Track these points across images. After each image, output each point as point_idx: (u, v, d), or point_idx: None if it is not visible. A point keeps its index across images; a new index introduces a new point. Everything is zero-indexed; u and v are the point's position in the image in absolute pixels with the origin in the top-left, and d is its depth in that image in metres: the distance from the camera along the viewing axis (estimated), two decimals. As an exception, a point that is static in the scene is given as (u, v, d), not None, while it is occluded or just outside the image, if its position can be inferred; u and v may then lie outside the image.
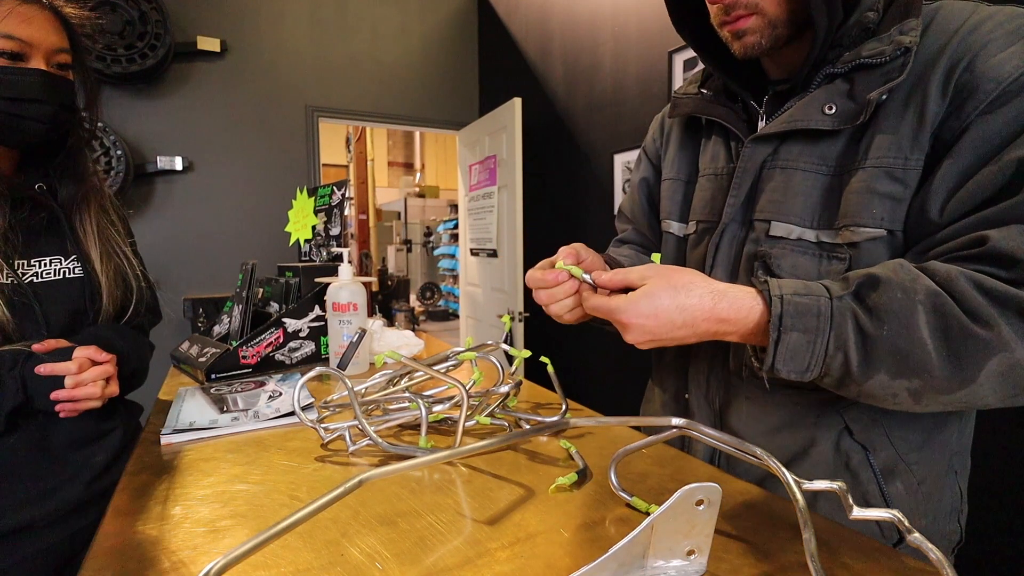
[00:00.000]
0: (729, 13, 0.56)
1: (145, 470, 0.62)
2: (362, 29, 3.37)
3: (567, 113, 2.81)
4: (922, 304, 0.44)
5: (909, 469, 0.57)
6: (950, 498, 0.60)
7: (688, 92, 0.72)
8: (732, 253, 0.63)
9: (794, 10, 0.54)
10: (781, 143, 0.58)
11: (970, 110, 0.47)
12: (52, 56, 0.72)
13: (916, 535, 0.36)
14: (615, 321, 0.52)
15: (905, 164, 0.50)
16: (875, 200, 0.51)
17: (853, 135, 0.54)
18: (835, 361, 0.46)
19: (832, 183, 0.55)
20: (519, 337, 2.85)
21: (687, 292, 0.50)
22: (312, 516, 0.38)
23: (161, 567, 0.43)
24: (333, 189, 1.40)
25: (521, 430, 0.54)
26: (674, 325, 0.49)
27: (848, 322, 0.46)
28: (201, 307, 2.69)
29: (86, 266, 0.78)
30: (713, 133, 0.69)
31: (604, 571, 0.35)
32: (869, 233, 0.52)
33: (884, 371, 0.45)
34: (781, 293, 0.47)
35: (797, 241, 0.56)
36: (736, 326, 0.50)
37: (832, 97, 0.54)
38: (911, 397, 0.46)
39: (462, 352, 0.75)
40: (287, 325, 1.13)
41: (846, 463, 0.58)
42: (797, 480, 0.40)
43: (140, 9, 2.58)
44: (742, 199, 0.61)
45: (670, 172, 0.75)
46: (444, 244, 7.55)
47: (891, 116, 0.51)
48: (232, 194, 3.05)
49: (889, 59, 0.51)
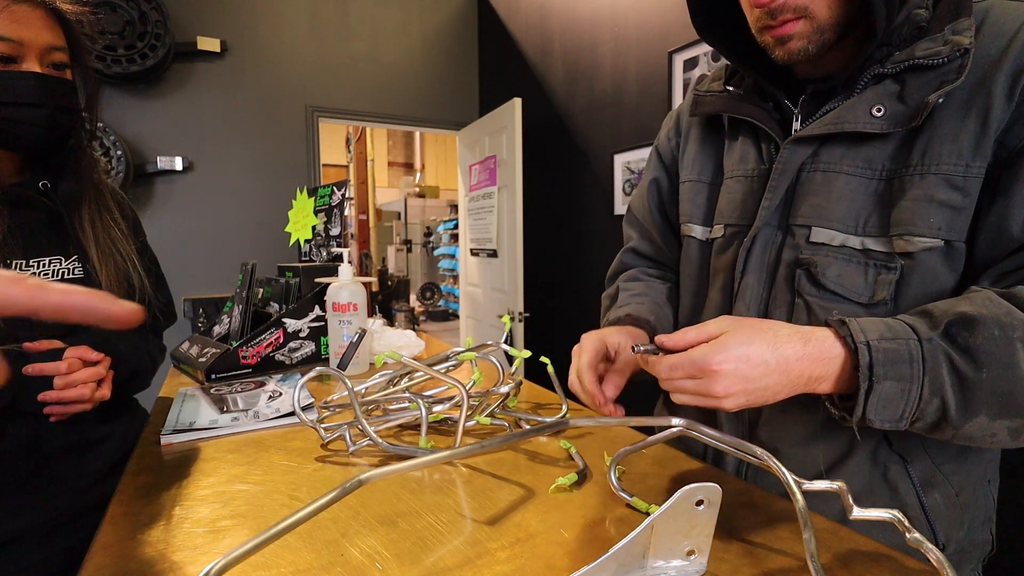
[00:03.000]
0: (775, 17, 0.52)
1: (145, 470, 0.62)
2: (362, 29, 3.37)
3: (567, 113, 2.81)
4: (1021, 341, 0.42)
5: (947, 480, 0.55)
6: (984, 508, 0.59)
7: (712, 90, 0.68)
8: (767, 259, 0.60)
9: (844, 12, 0.51)
10: (821, 145, 0.56)
11: None
12: (47, 55, 0.69)
13: (916, 535, 0.36)
14: (701, 372, 0.45)
15: (966, 172, 0.48)
16: (933, 209, 0.49)
17: (904, 139, 0.51)
18: (930, 407, 0.44)
19: (879, 187, 0.52)
20: (519, 337, 2.85)
21: (774, 332, 0.46)
22: (312, 516, 0.38)
23: (161, 567, 0.43)
24: (333, 189, 1.40)
25: (521, 430, 0.54)
26: (768, 368, 0.44)
27: (943, 366, 0.43)
28: (201, 307, 2.69)
29: (86, 266, 0.77)
30: (740, 133, 0.65)
31: (604, 571, 0.35)
32: (926, 243, 0.49)
33: (984, 413, 0.43)
34: (867, 339, 0.44)
35: (840, 248, 0.54)
36: (828, 368, 0.46)
37: (881, 98, 0.51)
38: (1010, 435, 0.44)
39: (462, 352, 0.75)
40: (287, 325, 1.13)
41: (884, 474, 0.56)
42: (797, 480, 0.40)
43: (140, 9, 2.58)
44: (777, 202, 0.58)
45: (691, 173, 0.72)
46: (444, 244, 7.55)
47: (950, 120, 0.49)
48: (232, 194, 3.05)
49: (946, 60, 0.48)
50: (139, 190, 2.82)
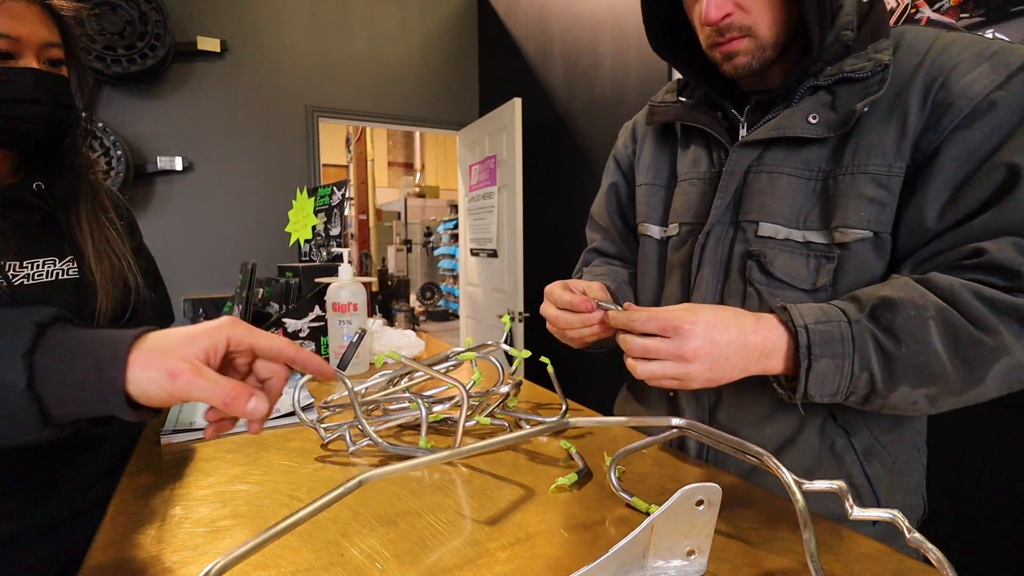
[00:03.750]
0: (723, 35, 0.58)
1: (145, 470, 0.62)
2: (362, 29, 3.37)
3: (567, 113, 2.81)
4: (933, 319, 0.48)
5: (885, 450, 0.62)
6: (916, 474, 0.66)
7: (666, 101, 0.75)
8: (720, 253, 0.65)
9: (783, 31, 0.58)
10: (765, 149, 0.62)
11: (947, 124, 0.52)
12: (43, 52, 0.68)
13: (916, 535, 0.36)
14: (675, 330, 0.50)
15: (889, 171, 0.54)
16: (863, 203, 0.55)
17: (836, 143, 0.58)
18: (861, 380, 0.50)
19: (817, 187, 0.59)
20: (519, 337, 2.85)
21: (733, 310, 0.53)
22: (312, 516, 0.38)
23: (161, 567, 0.43)
24: (333, 189, 1.40)
25: (521, 430, 0.54)
26: (731, 336, 0.50)
27: (869, 344, 0.49)
28: (201, 307, 2.69)
29: (81, 267, 0.75)
30: (692, 140, 0.72)
31: (604, 571, 0.35)
32: (857, 234, 0.56)
33: (906, 383, 0.49)
34: (805, 323, 0.50)
35: (784, 241, 0.60)
36: (776, 344, 0.51)
37: (815, 108, 0.58)
38: (928, 402, 0.50)
39: (462, 352, 0.75)
40: (287, 325, 1.13)
41: (831, 447, 0.62)
42: (797, 480, 0.40)
43: (140, 9, 2.58)
44: (728, 201, 0.64)
45: (646, 177, 0.78)
46: (444, 244, 7.55)
47: (874, 127, 0.55)
48: (232, 194, 3.05)
49: (870, 74, 0.55)
50: (139, 190, 2.82)
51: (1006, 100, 0.50)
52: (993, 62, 0.52)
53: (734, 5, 0.57)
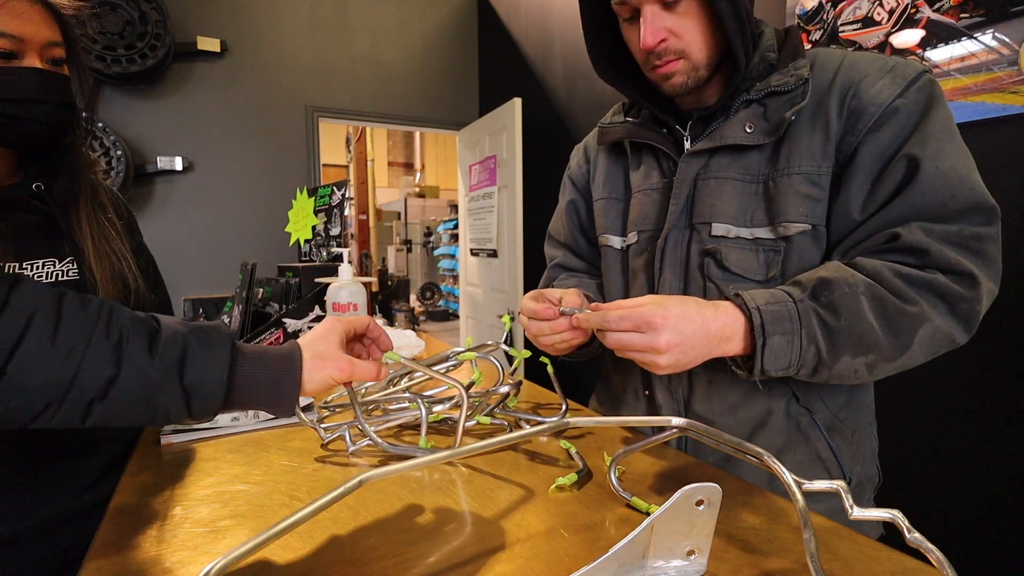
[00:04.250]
0: (660, 58, 0.65)
1: (145, 470, 0.62)
2: (362, 29, 3.37)
3: (567, 113, 2.81)
4: (863, 295, 0.55)
5: (843, 424, 0.68)
6: (870, 445, 0.72)
7: (615, 121, 0.82)
8: (679, 254, 0.71)
9: (713, 55, 0.65)
10: (711, 157, 0.69)
11: (861, 128, 0.60)
12: (46, 51, 0.69)
13: (916, 535, 0.36)
14: (647, 325, 0.54)
15: (819, 171, 0.62)
16: (800, 200, 0.62)
17: (772, 149, 0.65)
18: (808, 353, 0.56)
19: (759, 189, 0.66)
20: (519, 337, 2.85)
21: (695, 300, 0.57)
22: (312, 516, 0.38)
23: (161, 567, 0.43)
24: (333, 189, 1.40)
25: (521, 430, 0.54)
26: (696, 327, 0.55)
27: (813, 319, 0.56)
28: (201, 307, 2.68)
29: (81, 268, 0.75)
30: (642, 155, 0.78)
31: (604, 571, 0.35)
32: (798, 227, 0.63)
33: (847, 353, 0.55)
34: (757, 305, 0.56)
35: (735, 239, 0.66)
36: (734, 328, 0.57)
37: (750, 118, 0.65)
38: (867, 370, 0.57)
39: (462, 352, 0.75)
40: (287, 325, 1.13)
41: (797, 425, 0.67)
42: (797, 480, 0.40)
43: (140, 9, 2.58)
44: (682, 207, 0.70)
45: (602, 192, 0.84)
46: (444, 244, 7.55)
47: (802, 133, 0.63)
48: (232, 194, 3.05)
49: (793, 87, 0.63)
50: (139, 190, 2.82)
51: (906, 106, 0.59)
52: (893, 75, 0.60)
53: (668, 32, 0.63)
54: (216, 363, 0.45)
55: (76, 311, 0.43)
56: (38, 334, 0.40)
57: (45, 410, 0.41)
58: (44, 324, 0.41)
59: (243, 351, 0.48)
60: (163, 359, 0.43)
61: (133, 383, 0.42)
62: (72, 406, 0.41)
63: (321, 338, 0.52)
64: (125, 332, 0.43)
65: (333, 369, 0.50)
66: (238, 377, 0.46)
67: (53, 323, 0.41)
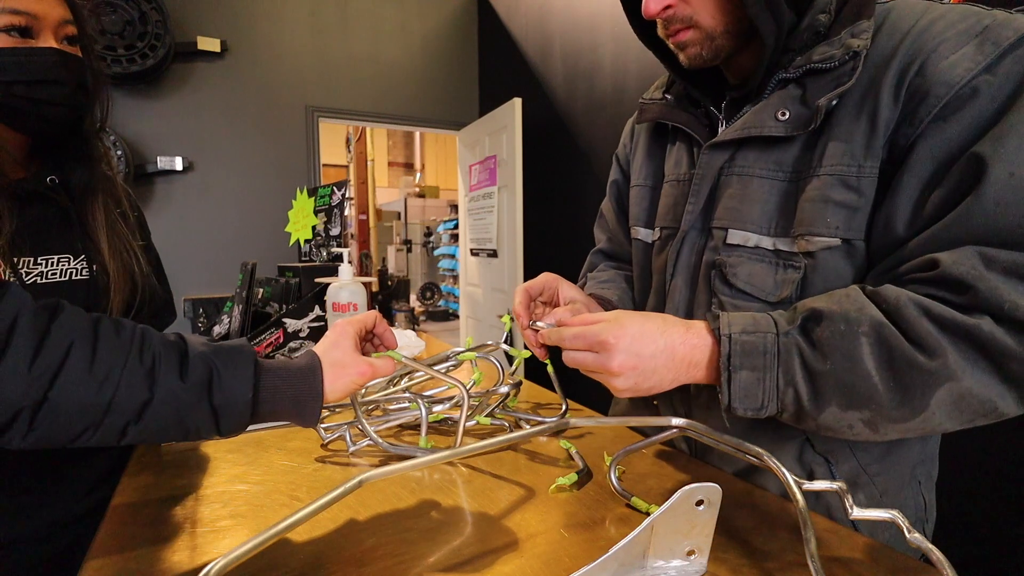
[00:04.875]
0: (668, 27, 0.56)
1: (145, 470, 0.62)
2: (362, 29, 3.37)
3: (567, 113, 2.81)
4: (866, 336, 0.43)
5: (871, 481, 0.56)
6: (913, 509, 0.59)
7: (654, 97, 0.71)
8: (692, 261, 0.62)
9: (734, 20, 0.53)
10: (738, 149, 0.57)
11: (923, 116, 0.45)
12: (60, 30, 0.65)
13: (916, 535, 0.36)
14: (600, 345, 0.48)
15: (859, 172, 0.49)
16: (829, 209, 0.50)
17: (808, 141, 0.53)
18: (787, 396, 0.46)
19: (789, 189, 0.54)
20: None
21: (663, 319, 0.50)
22: (312, 516, 0.38)
23: (161, 567, 0.43)
24: (333, 189, 1.40)
25: (521, 430, 0.54)
26: (657, 348, 0.48)
27: (795, 358, 0.46)
28: (201, 307, 2.69)
29: (92, 265, 0.73)
30: (678, 139, 0.68)
31: (604, 571, 0.35)
32: (824, 243, 0.50)
33: (834, 404, 0.45)
34: (730, 332, 0.47)
35: (755, 249, 0.56)
36: (703, 354, 0.49)
37: (785, 103, 0.52)
38: (867, 427, 0.45)
39: (462, 352, 0.75)
40: (287, 325, 1.13)
41: (810, 476, 0.56)
42: (797, 480, 0.40)
43: (140, 9, 2.58)
44: (701, 206, 0.60)
45: (638, 178, 0.74)
46: (444, 244, 7.55)
47: (844, 122, 0.50)
48: (232, 194, 3.05)
49: (839, 63, 0.49)
50: (139, 190, 2.82)
51: (992, 85, 0.43)
52: (982, 40, 0.44)
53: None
54: (241, 383, 0.46)
55: (112, 337, 0.43)
56: (77, 362, 0.41)
57: (83, 433, 0.42)
58: (82, 352, 0.41)
59: (266, 368, 0.48)
60: (192, 382, 0.44)
61: (166, 406, 0.43)
62: (109, 429, 0.42)
63: (335, 345, 0.52)
64: (157, 357, 0.44)
65: (354, 375, 0.51)
66: (262, 394, 0.47)
67: (91, 350, 0.42)
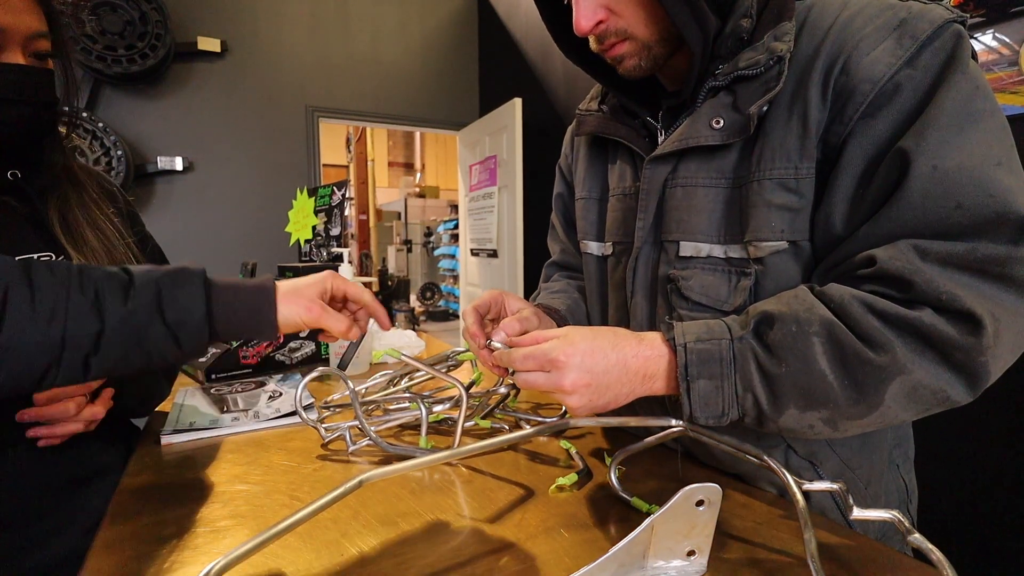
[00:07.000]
0: (603, 42, 0.55)
1: (145, 470, 0.62)
2: (362, 29, 3.37)
3: (567, 113, 2.81)
4: (817, 335, 0.43)
5: (854, 474, 0.56)
6: (896, 493, 0.59)
7: (590, 109, 0.69)
8: (648, 276, 0.61)
9: (665, 27, 0.53)
10: (679, 160, 0.56)
11: (851, 114, 0.45)
12: (29, 44, 0.61)
13: (916, 535, 0.36)
14: (551, 364, 0.47)
15: (796, 174, 0.49)
16: (772, 213, 0.50)
17: (744, 147, 0.52)
18: (747, 402, 0.46)
19: (732, 196, 0.54)
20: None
21: (614, 333, 0.49)
22: (312, 516, 0.38)
23: (161, 567, 0.43)
24: (333, 189, 1.40)
25: (521, 431, 0.54)
26: (610, 363, 0.47)
27: (751, 363, 0.46)
28: (201, 307, 2.69)
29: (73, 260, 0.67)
30: (619, 151, 0.66)
31: (604, 571, 0.35)
32: (771, 247, 0.50)
33: (793, 405, 0.45)
34: (684, 341, 0.47)
35: (707, 259, 0.55)
36: (658, 366, 0.48)
37: (718, 111, 0.52)
38: (827, 426, 0.45)
39: (462, 352, 0.75)
40: (287, 325, 1.13)
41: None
42: (797, 480, 0.40)
43: (140, 9, 2.58)
44: (651, 220, 0.60)
45: (582, 191, 0.73)
46: (444, 244, 7.55)
47: (777, 126, 0.49)
48: (232, 194, 3.05)
49: (765, 69, 0.49)
50: (139, 190, 2.82)
51: (913, 79, 0.43)
52: (900, 33, 0.44)
53: (605, 11, 0.52)
54: (192, 298, 0.47)
55: (47, 275, 0.43)
56: (18, 303, 0.41)
57: (47, 371, 0.43)
58: (21, 293, 0.42)
59: (217, 284, 0.49)
60: (142, 304, 0.45)
61: (119, 333, 0.44)
62: (70, 364, 0.43)
63: (301, 282, 0.55)
64: (100, 287, 0.44)
65: (303, 307, 0.52)
66: (216, 308, 0.48)
67: (28, 290, 0.42)
